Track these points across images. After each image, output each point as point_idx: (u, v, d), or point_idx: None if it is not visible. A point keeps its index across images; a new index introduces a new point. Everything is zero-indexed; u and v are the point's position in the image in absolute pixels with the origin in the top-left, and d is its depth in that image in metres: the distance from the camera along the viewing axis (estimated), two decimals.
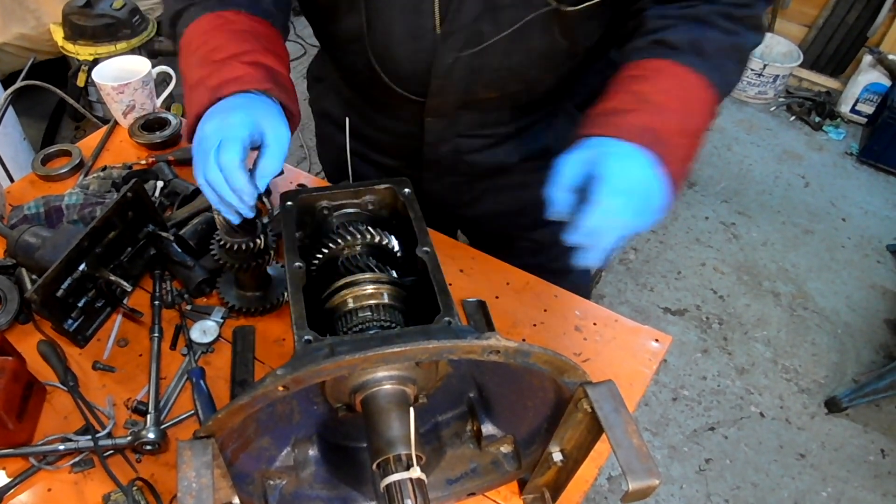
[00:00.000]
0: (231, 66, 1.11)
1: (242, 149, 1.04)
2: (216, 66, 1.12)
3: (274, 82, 1.13)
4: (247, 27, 1.20)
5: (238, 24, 1.19)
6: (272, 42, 1.21)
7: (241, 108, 1.06)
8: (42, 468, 1.15)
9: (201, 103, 1.09)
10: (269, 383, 0.76)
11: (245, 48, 1.14)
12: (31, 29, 3.39)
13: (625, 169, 1.02)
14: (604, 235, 1.00)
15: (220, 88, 1.09)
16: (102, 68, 1.78)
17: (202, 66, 1.13)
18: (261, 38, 1.19)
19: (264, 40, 1.19)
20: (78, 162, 1.69)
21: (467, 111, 1.43)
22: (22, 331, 1.35)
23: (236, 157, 1.03)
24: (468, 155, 1.52)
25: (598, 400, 0.84)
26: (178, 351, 1.33)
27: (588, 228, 0.99)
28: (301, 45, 4.82)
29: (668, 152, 1.05)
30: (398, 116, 1.49)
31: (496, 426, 1.09)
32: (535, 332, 1.39)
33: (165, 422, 1.22)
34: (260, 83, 1.10)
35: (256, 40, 1.17)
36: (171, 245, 1.41)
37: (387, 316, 1.03)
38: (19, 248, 1.34)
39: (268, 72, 1.13)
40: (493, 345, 0.79)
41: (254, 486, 1.01)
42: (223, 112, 1.07)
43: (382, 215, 1.21)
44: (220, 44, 1.15)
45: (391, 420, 0.87)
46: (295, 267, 1.03)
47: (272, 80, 1.12)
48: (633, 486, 0.78)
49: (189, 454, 0.77)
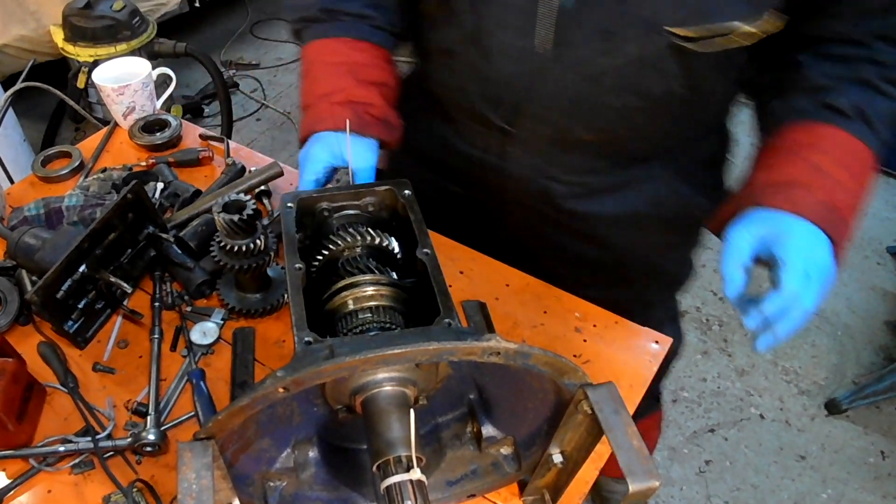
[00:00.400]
0: (322, 107, 1.29)
1: (315, 172, 1.26)
2: (313, 103, 1.31)
3: (358, 117, 1.27)
4: (346, 59, 1.31)
5: (338, 56, 1.32)
6: (370, 69, 1.32)
7: (324, 141, 1.26)
8: (42, 470, 1.15)
9: (302, 131, 1.32)
10: (269, 385, 0.76)
11: (338, 85, 1.29)
12: (31, 30, 3.39)
13: (810, 252, 1.01)
14: (787, 320, 1.00)
15: (313, 125, 1.29)
16: (102, 70, 1.79)
17: (306, 96, 1.34)
18: (358, 68, 1.31)
19: (361, 71, 1.31)
20: (78, 163, 1.69)
21: (559, 150, 1.34)
22: (22, 332, 1.35)
23: (309, 180, 1.26)
24: (553, 200, 1.44)
25: (598, 402, 0.84)
26: (178, 352, 1.33)
27: (772, 314, 0.99)
28: None
29: (842, 233, 1.04)
30: (480, 144, 1.43)
31: (496, 428, 1.09)
32: (536, 333, 1.39)
33: (165, 423, 1.21)
34: (343, 123, 1.25)
35: (352, 74, 1.30)
36: (172, 247, 1.41)
37: (387, 317, 1.03)
38: (19, 250, 1.34)
39: (354, 109, 1.27)
40: (493, 346, 0.79)
41: (254, 487, 1.01)
42: (311, 143, 1.28)
43: (382, 217, 1.21)
44: (318, 76, 1.33)
45: (391, 421, 0.87)
46: (295, 268, 1.03)
47: (356, 116, 1.27)
48: (634, 488, 0.78)
49: (189, 456, 0.77)
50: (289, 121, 4.16)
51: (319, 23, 1.35)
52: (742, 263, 1.04)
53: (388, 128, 1.33)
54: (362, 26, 1.33)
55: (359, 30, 1.32)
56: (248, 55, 4.71)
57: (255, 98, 4.33)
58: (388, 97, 1.34)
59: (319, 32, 1.35)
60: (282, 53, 4.77)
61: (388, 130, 1.33)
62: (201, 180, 1.69)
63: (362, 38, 1.32)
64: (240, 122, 4.13)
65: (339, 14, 1.32)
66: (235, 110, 3.97)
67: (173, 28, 4.32)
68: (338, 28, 1.33)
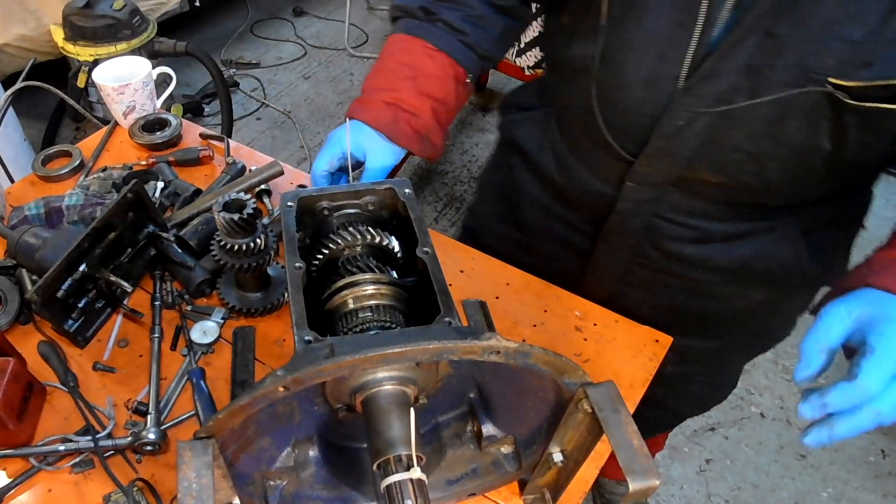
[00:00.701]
0: (370, 98, 1.34)
1: (332, 155, 1.32)
2: (367, 90, 1.36)
3: (396, 123, 1.31)
4: (416, 63, 1.33)
5: (410, 58, 1.34)
6: (434, 82, 1.34)
7: (357, 132, 1.32)
8: (42, 469, 1.15)
9: (349, 110, 1.36)
10: (269, 384, 0.76)
11: (395, 85, 1.33)
12: (32, 30, 3.39)
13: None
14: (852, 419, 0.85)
15: (355, 111, 1.34)
16: (102, 69, 1.78)
17: (367, 81, 1.38)
18: (423, 77, 1.33)
19: (424, 81, 1.33)
20: (78, 163, 1.69)
21: (677, 189, 1.25)
22: (22, 331, 1.35)
23: (322, 165, 1.33)
24: (659, 240, 1.35)
25: (598, 400, 0.84)
26: (179, 351, 1.33)
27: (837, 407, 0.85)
28: (301, 46, 4.81)
29: None
30: (597, 171, 1.35)
31: (496, 427, 1.09)
32: (536, 332, 1.39)
33: (166, 422, 1.22)
34: (377, 122, 1.32)
35: (413, 80, 1.32)
36: (172, 246, 1.41)
37: (387, 316, 1.03)
38: (20, 249, 1.34)
39: (397, 114, 1.31)
40: (493, 345, 0.79)
41: (254, 486, 1.01)
42: (343, 128, 1.33)
43: (383, 216, 1.21)
44: (383, 68, 1.37)
45: (392, 420, 0.87)
46: (295, 267, 1.03)
47: (394, 121, 1.31)
48: (634, 487, 0.78)
49: (189, 455, 0.77)
50: (289, 120, 4.16)
51: (414, 18, 1.36)
52: (828, 345, 0.90)
53: (424, 143, 1.34)
54: (451, 38, 1.33)
55: (445, 41, 1.33)
56: (248, 54, 4.71)
57: (255, 97, 4.34)
58: (440, 114, 1.35)
59: (409, 27, 1.36)
60: (282, 52, 4.77)
61: (422, 145, 1.34)
62: (201, 179, 1.69)
63: (443, 50, 1.33)
64: (240, 121, 4.13)
65: (436, 18, 1.33)
66: (236, 109, 3.97)
67: (173, 27, 4.33)
68: (427, 31, 1.33)
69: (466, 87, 1.40)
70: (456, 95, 1.37)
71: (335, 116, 4.21)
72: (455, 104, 1.38)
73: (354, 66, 4.64)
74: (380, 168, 1.33)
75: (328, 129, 4.12)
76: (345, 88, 4.44)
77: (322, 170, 1.34)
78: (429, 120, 1.34)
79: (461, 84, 1.37)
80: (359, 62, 4.68)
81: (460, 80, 1.37)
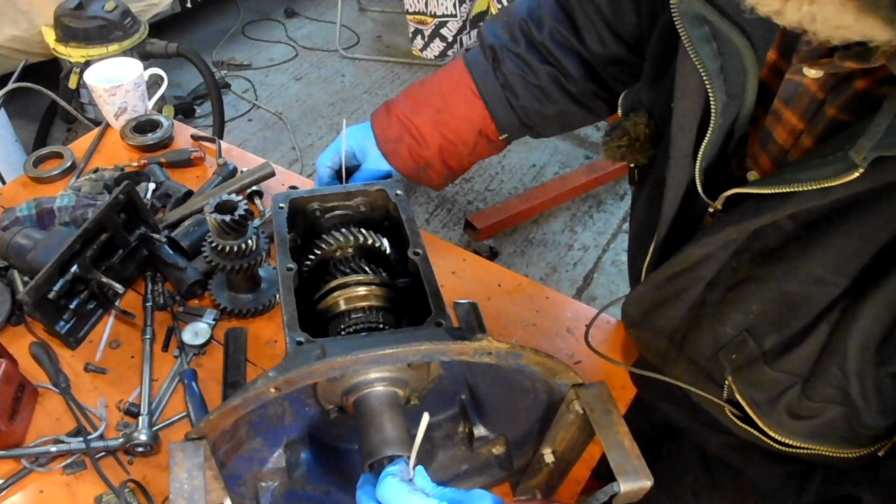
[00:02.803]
0: (392, 107, 1.34)
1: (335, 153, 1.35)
2: (398, 97, 1.36)
3: (397, 142, 1.32)
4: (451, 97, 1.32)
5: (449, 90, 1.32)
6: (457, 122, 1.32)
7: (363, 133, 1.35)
8: (34, 470, 1.15)
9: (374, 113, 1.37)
10: (260, 385, 0.76)
11: (418, 109, 1.32)
12: (23, 31, 3.37)
13: None
14: None
15: (374, 113, 1.36)
16: (94, 70, 1.78)
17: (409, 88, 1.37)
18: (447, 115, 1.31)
19: (447, 119, 1.31)
20: (70, 164, 1.69)
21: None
22: (14, 332, 1.34)
23: (325, 160, 1.36)
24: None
25: (589, 402, 0.84)
26: (171, 353, 1.33)
27: None
28: (293, 48, 4.81)
29: None
30: None
31: (488, 428, 1.09)
32: (527, 333, 1.39)
33: (157, 423, 1.21)
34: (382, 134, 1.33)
35: (436, 112, 1.31)
36: (163, 247, 1.41)
37: (378, 317, 1.03)
38: (11, 250, 1.34)
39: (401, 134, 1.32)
40: (484, 346, 0.79)
41: (246, 487, 1.01)
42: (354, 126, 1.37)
43: (374, 217, 1.21)
44: (425, 84, 1.36)
45: (383, 421, 0.87)
46: (287, 269, 1.03)
47: (397, 140, 1.32)
48: (625, 488, 0.79)
49: (181, 456, 0.77)
50: (280, 121, 4.16)
51: (480, 53, 1.32)
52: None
53: (419, 172, 1.35)
54: (499, 93, 1.30)
55: (492, 92, 1.30)
56: (239, 55, 4.70)
57: (246, 98, 4.32)
58: (448, 155, 1.34)
59: (472, 60, 1.32)
60: (274, 54, 4.76)
61: (416, 173, 1.35)
62: (193, 181, 1.69)
63: (484, 100, 1.30)
64: (231, 123, 4.12)
65: (498, 66, 1.29)
66: (227, 110, 3.96)
67: (165, 28, 4.31)
68: (482, 74, 1.30)
69: (493, 144, 1.36)
70: (474, 146, 1.34)
71: (326, 117, 4.20)
72: (470, 153, 1.35)
73: (346, 68, 4.64)
74: (373, 173, 1.34)
75: (319, 131, 4.12)
76: (336, 90, 4.44)
77: (325, 164, 1.36)
78: (432, 155, 1.33)
79: (487, 138, 1.34)
80: (350, 63, 4.68)
81: (488, 134, 1.33)
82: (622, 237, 3.53)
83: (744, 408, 0.95)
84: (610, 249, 3.47)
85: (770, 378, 0.89)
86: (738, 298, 0.90)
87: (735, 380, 0.94)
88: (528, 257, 3.42)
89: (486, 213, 3.32)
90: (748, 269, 0.88)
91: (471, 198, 3.70)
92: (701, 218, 0.93)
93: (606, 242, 3.50)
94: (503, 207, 3.34)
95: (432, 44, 3.52)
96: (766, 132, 0.86)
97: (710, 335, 0.96)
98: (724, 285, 0.92)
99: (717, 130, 0.85)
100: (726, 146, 0.89)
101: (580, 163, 3.91)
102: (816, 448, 0.92)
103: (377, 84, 4.52)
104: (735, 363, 0.93)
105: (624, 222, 3.59)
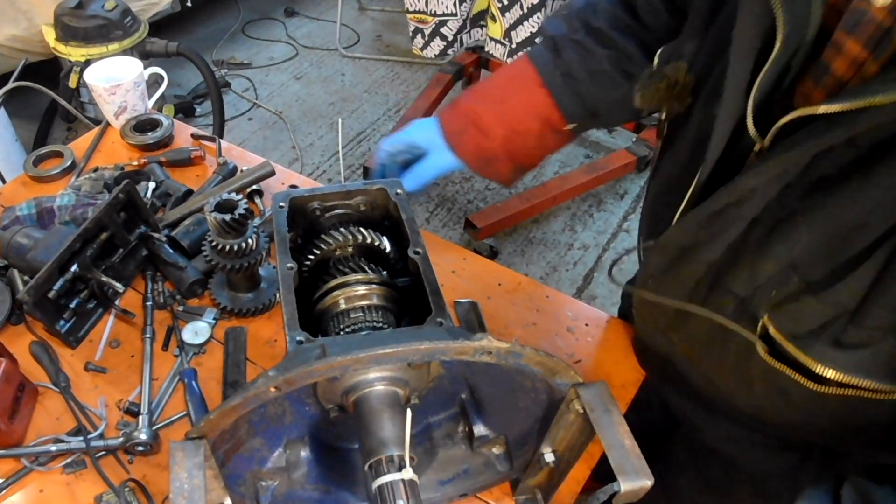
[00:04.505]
0: (457, 101, 1.34)
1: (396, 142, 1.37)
2: (463, 93, 1.37)
3: (462, 134, 1.32)
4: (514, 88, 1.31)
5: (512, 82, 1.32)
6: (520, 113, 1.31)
7: (430, 127, 1.35)
8: (34, 469, 1.15)
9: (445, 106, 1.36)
10: (260, 384, 0.76)
11: (482, 100, 1.32)
12: (23, 30, 3.37)
13: None
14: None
15: (442, 111, 1.35)
16: (94, 69, 1.78)
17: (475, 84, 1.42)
18: (509, 105, 1.31)
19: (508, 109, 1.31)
20: (70, 163, 1.69)
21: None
22: (14, 332, 1.34)
23: (388, 144, 1.38)
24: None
25: (589, 401, 0.84)
26: (171, 352, 1.33)
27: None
28: (293, 47, 4.81)
29: None
30: None
31: (488, 427, 1.09)
32: (528, 333, 1.39)
33: (157, 423, 1.21)
34: (447, 125, 1.33)
35: (499, 103, 1.31)
36: (164, 246, 1.41)
37: (379, 317, 1.03)
38: (11, 250, 1.34)
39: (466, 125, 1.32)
40: (484, 346, 0.79)
41: (246, 486, 1.01)
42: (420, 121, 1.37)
43: (374, 216, 1.21)
44: (490, 79, 1.36)
45: (383, 421, 0.87)
46: (287, 268, 1.03)
47: (461, 131, 1.32)
48: (625, 488, 0.79)
49: (181, 455, 0.77)
50: (280, 120, 4.15)
51: (542, 46, 1.31)
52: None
53: (485, 165, 1.34)
54: (563, 81, 1.28)
55: (556, 81, 1.28)
56: (239, 54, 4.70)
57: (246, 97, 4.32)
58: (514, 146, 1.32)
59: (535, 53, 1.31)
60: (274, 53, 4.76)
61: (483, 166, 1.34)
62: (193, 180, 1.69)
63: (549, 89, 1.28)
64: (231, 122, 4.12)
65: (559, 53, 1.28)
66: (227, 110, 3.96)
67: (165, 27, 4.32)
68: (545, 63, 1.29)
69: (560, 134, 1.34)
70: (539, 136, 1.32)
71: (326, 116, 4.20)
72: (535, 144, 1.33)
73: (346, 67, 4.63)
74: (435, 165, 1.34)
75: (319, 130, 4.12)
76: (336, 89, 4.43)
77: (386, 148, 1.38)
78: (498, 147, 1.31)
79: (552, 129, 1.32)
80: (350, 62, 4.67)
81: (553, 124, 1.31)
82: (622, 236, 3.53)
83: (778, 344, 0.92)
84: (610, 249, 3.47)
85: (815, 310, 0.87)
86: (786, 232, 0.89)
87: (772, 317, 0.92)
88: (529, 256, 3.42)
89: (487, 212, 3.32)
90: (801, 200, 0.86)
91: (471, 197, 3.70)
92: (744, 160, 0.92)
93: (606, 242, 3.50)
94: (503, 207, 3.33)
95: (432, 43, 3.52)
96: (822, 66, 0.85)
97: (748, 274, 0.94)
98: (769, 221, 0.90)
99: (777, 60, 0.84)
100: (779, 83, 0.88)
101: (580, 162, 3.91)
102: (857, 383, 0.88)
103: (377, 83, 4.52)
104: (774, 300, 0.92)
105: (624, 221, 3.59)
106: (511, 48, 3.31)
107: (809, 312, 0.88)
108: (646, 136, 3.68)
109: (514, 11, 3.19)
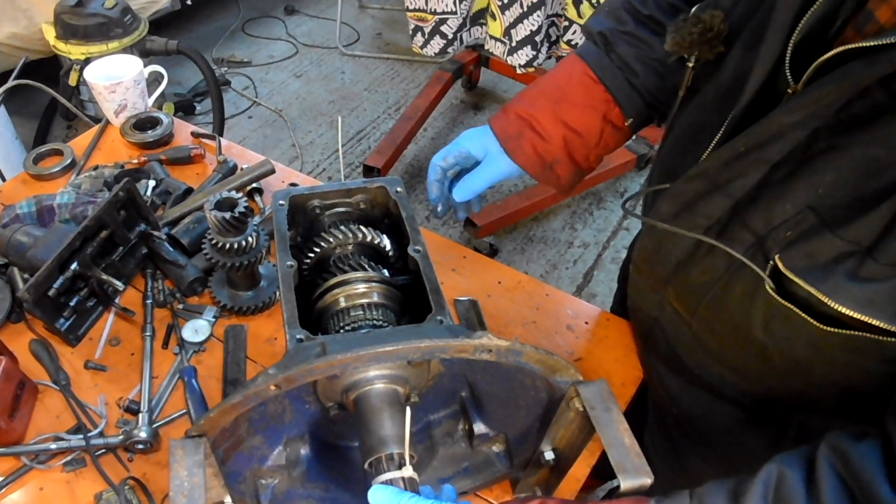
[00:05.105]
0: (509, 107, 1.30)
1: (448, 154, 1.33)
2: (514, 99, 1.31)
3: (519, 139, 1.27)
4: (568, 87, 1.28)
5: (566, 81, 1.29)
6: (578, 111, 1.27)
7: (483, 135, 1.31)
8: (34, 467, 1.15)
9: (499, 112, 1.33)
10: (260, 382, 0.76)
11: (536, 102, 1.28)
12: (23, 28, 3.37)
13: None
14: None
15: (495, 118, 1.31)
16: (94, 67, 1.78)
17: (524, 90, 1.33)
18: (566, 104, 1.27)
19: (568, 108, 1.27)
20: (70, 161, 1.69)
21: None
22: (14, 330, 1.34)
23: (439, 158, 1.33)
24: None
25: (589, 399, 0.84)
26: (171, 350, 1.33)
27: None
28: (293, 45, 4.81)
29: None
30: None
31: (488, 425, 1.09)
32: (527, 331, 1.39)
33: (157, 421, 1.22)
34: (502, 132, 1.29)
35: (556, 103, 1.27)
36: (163, 244, 1.41)
37: (379, 315, 1.03)
38: (11, 248, 1.34)
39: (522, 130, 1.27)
40: (484, 344, 0.79)
41: (246, 484, 1.01)
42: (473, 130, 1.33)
43: (374, 214, 1.21)
44: (540, 82, 1.31)
45: (383, 419, 0.87)
46: (287, 266, 1.03)
47: (518, 136, 1.27)
48: (625, 486, 0.79)
49: (181, 453, 0.77)
50: (280, 118, 4.15)
51: (593, 43, 1.29)
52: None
53: (545, 170, 1.29)
54: (618, 75, 1.25)
55: (610, 75, 1.25)
56: (239, 53, 4.70)
57: (246, 95, 4.32)
58: (574, 147, 1.28)
59: (584, 51, 1.29)
60: (273, 51, 4.76)
61: (543, 171, 1.29)
62: (193, 178, 1.69)
63: (605, 84, 1.26)
64: (231, 120, 4.12)
65: (611, 49, 1.25)
66: (227, 108, 3.96)
67: (165, 25, 4.32)
68: (597, 59, 1.26)
69: (620, 131, 1.30)
70: (600, 133, 1.28)
71: (326, 115, 4.20)
72: (596, 143, 1.29)
73: (346, 65, 4.63)
74: (489, 173, 1.31)
75: (319, 128, 4.12)
76: (336, 87, 4.43)
77: (437, 163, 1.34)
78: (557, 148, 1.27)
79: (612, 125, 1.28)
80: (350, 61, 4.67)
81: (613, 120, 1.28)
82: (622, 234, 3.52)
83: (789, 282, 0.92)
84: (610, 246, 3.47)
85: (831, 245, 0.87)
86: (810, 172, 0.89)
87: (783, 256, 0.92)
88: (528, 255, 3.42)
89: (486, 210, 3.31)
90: (829, 139, 0.87)
91: None
92: (775, 105, 0.92)
93: (606, 239, 3.50)
94: (503, 205, 3.33)
95: (432, 41, 3.51)
96: (867, 13, 0.86)
97: (765, 215, 0.94)
98: (792, 164, 0.91)
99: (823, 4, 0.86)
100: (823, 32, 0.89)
101: None
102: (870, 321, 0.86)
103: (377, 81, 4.52)
104: (788, 240, 0.92)
105: (624, 219, 3.59)
106: (511, 46, 3.31)
107: (825, 247, 0.88)
108: (645, 135, 3.68)
109: (514, 9, 3.18)
